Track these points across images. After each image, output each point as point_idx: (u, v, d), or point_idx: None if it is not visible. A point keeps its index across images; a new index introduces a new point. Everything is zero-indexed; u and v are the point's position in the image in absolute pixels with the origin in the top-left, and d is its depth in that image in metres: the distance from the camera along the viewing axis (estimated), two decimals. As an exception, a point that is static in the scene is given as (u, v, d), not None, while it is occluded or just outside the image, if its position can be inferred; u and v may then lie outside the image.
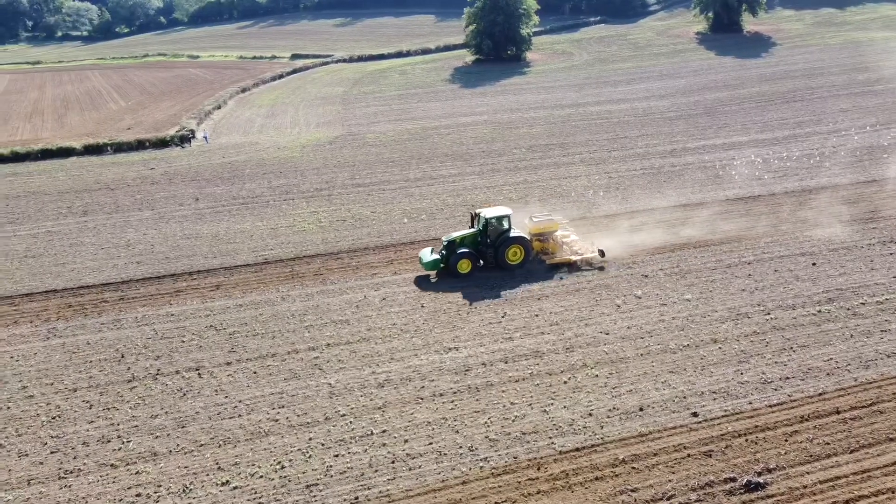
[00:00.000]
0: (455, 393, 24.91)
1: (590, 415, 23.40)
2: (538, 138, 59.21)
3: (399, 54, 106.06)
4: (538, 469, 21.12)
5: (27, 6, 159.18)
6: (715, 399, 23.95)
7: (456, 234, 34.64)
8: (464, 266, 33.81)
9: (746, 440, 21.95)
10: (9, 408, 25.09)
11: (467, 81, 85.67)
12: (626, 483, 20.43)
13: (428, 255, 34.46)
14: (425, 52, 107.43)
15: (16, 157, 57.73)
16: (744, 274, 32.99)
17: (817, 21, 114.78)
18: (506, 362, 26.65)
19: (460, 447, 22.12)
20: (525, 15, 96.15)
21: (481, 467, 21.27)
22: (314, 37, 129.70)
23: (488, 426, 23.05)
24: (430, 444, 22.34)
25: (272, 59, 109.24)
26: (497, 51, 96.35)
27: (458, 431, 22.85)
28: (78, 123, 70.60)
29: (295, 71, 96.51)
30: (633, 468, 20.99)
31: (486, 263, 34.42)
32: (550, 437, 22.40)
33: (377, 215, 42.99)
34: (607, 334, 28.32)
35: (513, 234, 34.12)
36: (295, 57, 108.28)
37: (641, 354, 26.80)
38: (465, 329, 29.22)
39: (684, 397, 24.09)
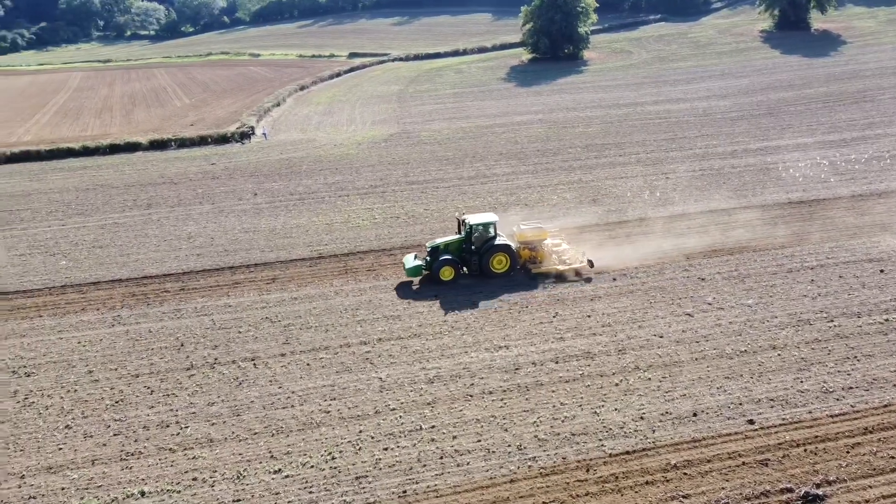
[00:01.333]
0: (504, 391, 24.87)
1: (641, 418, 23.04)
2: (594, 137, 58.52)
3: (455, 53, 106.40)
4: (587, 471, 20.91)
5: (99, 7, 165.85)
6: (772, 407, 23.26)
7: (440, 240, 33.84)
8: (446, 273, 32.88)
9: (805, 450, 21.25)
10: (76, 391, 26.21)
11: (523, 80, 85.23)
12: (677, 489, 20.05)
13: (411, 260, 33.69)
14: (481, 50, 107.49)
15: (86, 152, 60.21)
16: (806, 279, 31.93)
17: (891, 18, 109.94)
18: (556, 362, 26.47)
19: (509, 445, 22.08)
20: (583, 13, 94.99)
21: (529, 466, 21.18)
22: (372, 35, 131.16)
23: (537, 426, 22.93)
24: (479, 441, 22.36)
25: (330, 57, 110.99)
26: (554, 49, 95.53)
27: (506, 430, 22.81)
28: (144, 119, 73.11)
29: (352, 69, 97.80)
30: (685, 474, 20.57)
31: (471, 271, 33.33)
32: (600, 439, 22.15)
33: (430, 213, 43.20)
34: (661, 337, 27.81)
35: (498, 241, 33.04)
36: (352, 55, 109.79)
37: (696, 359, 26.23)
38: (516, 328, 29.12)
39: (740, 404, 23.48)
